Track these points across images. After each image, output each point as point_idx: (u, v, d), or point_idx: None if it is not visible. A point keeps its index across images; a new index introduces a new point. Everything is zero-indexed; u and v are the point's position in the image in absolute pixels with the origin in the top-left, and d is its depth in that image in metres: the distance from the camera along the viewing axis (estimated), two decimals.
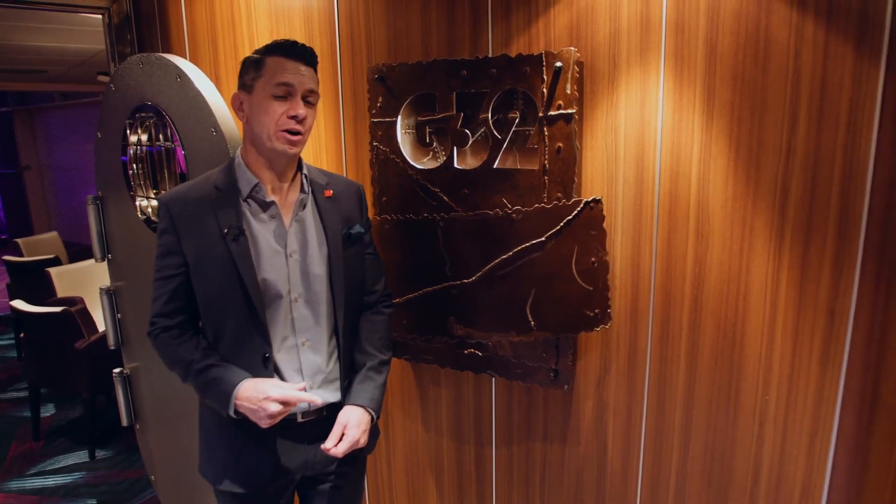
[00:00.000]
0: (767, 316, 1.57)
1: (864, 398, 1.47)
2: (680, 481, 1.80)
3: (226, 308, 1.50)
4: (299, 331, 1.54)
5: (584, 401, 1.92)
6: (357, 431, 1.51)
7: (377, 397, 1.61)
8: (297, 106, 1.44)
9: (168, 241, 1.51)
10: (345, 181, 1.69)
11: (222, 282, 1.48)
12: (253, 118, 1.46)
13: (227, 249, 1.46)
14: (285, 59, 1.44)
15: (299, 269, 1.53)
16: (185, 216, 1.49)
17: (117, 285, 2.49)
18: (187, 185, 1.56)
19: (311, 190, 1.57)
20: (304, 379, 1.55)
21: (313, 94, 1.48)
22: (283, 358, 1.53)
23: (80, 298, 3.99)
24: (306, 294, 1.54)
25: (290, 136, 1.44)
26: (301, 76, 1.45)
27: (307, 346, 1.55)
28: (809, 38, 1.41)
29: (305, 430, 1.57)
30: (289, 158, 1.50)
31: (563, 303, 1.74)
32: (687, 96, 1.60)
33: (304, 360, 1.55)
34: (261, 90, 1.44)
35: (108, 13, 2.43)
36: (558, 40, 1.75)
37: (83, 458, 3.53)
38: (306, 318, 1.55)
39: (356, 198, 1.67)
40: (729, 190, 1.58)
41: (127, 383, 2.57)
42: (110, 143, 2.28)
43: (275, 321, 1.51)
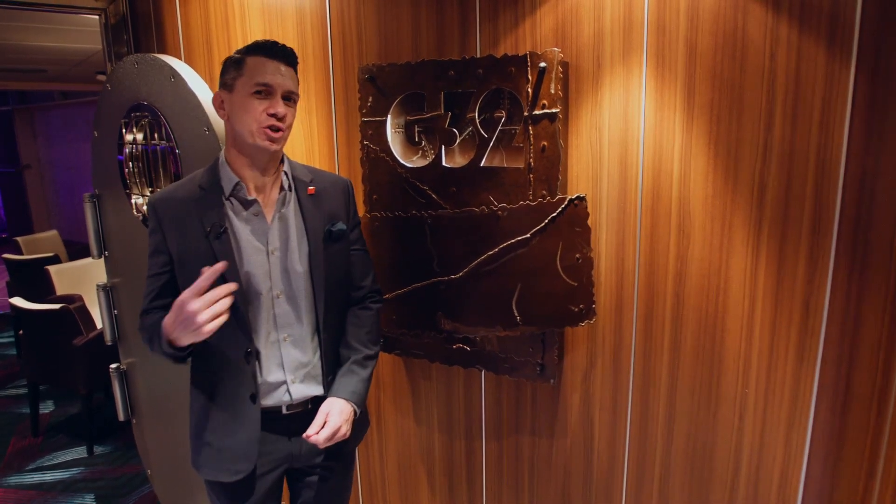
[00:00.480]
0: (746, 310, 1.61)
1: (839, 389, 1.50)
2: (664, 472, 1.84)
3: None
4: (281, 326, 1.57)
5: (570, 394, 1.96)
6: (338, 419, 1.53)
7: (360, 391, 1.63)
8: (276, 104, 1.46)
9: (156, 241, 1.55)
10: (332, 178, 1.71)
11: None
12: (234, 116, 1.49)
13: (210, 247, 1.49)
14: (265, 59, 1.47)
15: (280, 266, 1.56)
16: (171, 216, 1.53)
17: (114, 282, 2.53)
18: (174, 186, 1.60)
19: (294, 187, 1.59)
20: (287, 373, 1.58)
21: (293, 92, 1.51)
22: (266, 353, 1.57)
23: (78, 296, 4.03)
24: (287, 291, 1.57)
25: (272, 133, 1.46)
26: (281, 76, 1.47)
27: (289, 342, 1.58)
28: (784, 38, 1.45)
29: (290, 422, 1.61)
30: (270, 155, 1.52)
31: (549, 298, 1.78)
32: (668, 96, 1.64)
33: (285, 356, 1.58)
34: (241, 89, 1.46)
35: (105, 14, 2.47)
36: (544, 41, 1.78)
37: (81, 454, 3.57)
38: (287, 314, 1.58)
39: (342, 195, 1.69)
40: (709, 187, 1.61)
41: (123, 378, 2.61)
42: (107, 142, 2.32)
43: (257, 317, 1.55)
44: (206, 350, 1.55)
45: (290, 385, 1.59)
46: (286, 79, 1.49)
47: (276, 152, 1.53)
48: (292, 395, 1.59)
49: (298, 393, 1.60)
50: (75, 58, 5.07)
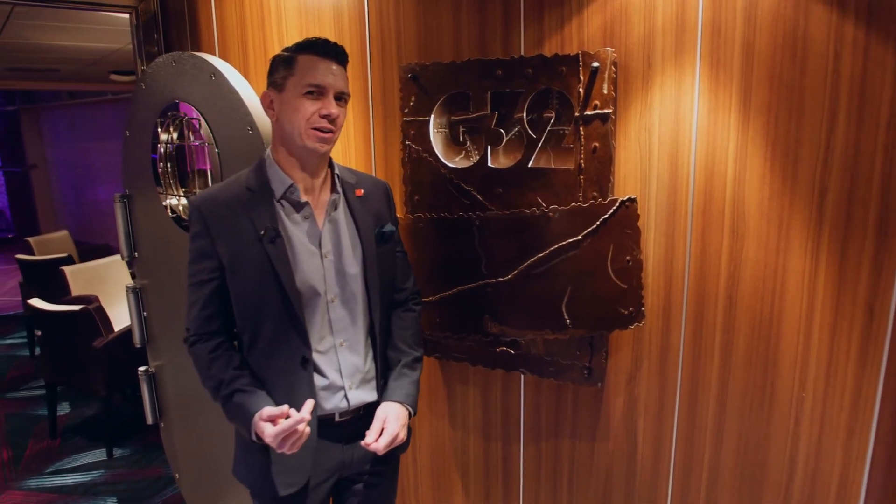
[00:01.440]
0: (804, 313, 1.59)
1: None
2: (712, 477, 1.82)
3: (263, 311, 1.48)
4: (337, 331, 1.54)
5: (614, 398, 1.94)
6: (396, 425, 1.51)
7: (413, 393, 1.61)
8: (329, 105, 1.43)
9: (201, 245, 1.49)
10: (372, 180, 1.69)
11: (259, 284, 1.46)
12: (283, 116, 1.45)
13: (264, 251, 1.44)
14: (317, 59, 1.43)
15: (334, 269, 1.53)
16: (218, 218, 1.48)
17: (143, 283, 2.51)
18: (218, 187, 1.54)
19: (342, 189, 1.57)
20: (344, 379, 1.54)
21: (345, 92, 1.48)
22: (323, 359, 1.53)
23: (94, 297, 4.01)
24: (342, 294, 1.54)
25: (322, 134, 1.43)
26: (333, 76, 1.44)
27: (345, 347, 1.55)
28: (849, 39, 1.43)
29: (343, 429, 1.57)
30: (320, 157, 1.49)
31: (599, 301, 1.76)
32: (723, 97, 1.62)
33: (342, 361, 1.55)
34: (292, 88, 1.43)
35: (136, 12, 2.44)
36: (592, 40, 1.76)
37: (101, 457, 3.54)
38: (343, 318, 1.54)
39: (384, 196, 1.67)
40: (765, 189, 1.59)
41: (152, 381, 2.58)
42: (139, 141, 2.30)
43: (312, 322, 1.50)
44: (257, 358, 1.52)
45: (347, 391, 1.55)
46: (338, 79, 1.45)
47: (326, 154, 1.51)
48: (350, 402, 1.55)
49: (356, 399, 1.56)
50: (91, 57, 5.04)
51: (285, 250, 1.46)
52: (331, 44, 1.46)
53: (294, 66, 1.43)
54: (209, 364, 1.50)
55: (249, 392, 1.47)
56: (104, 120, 8.42)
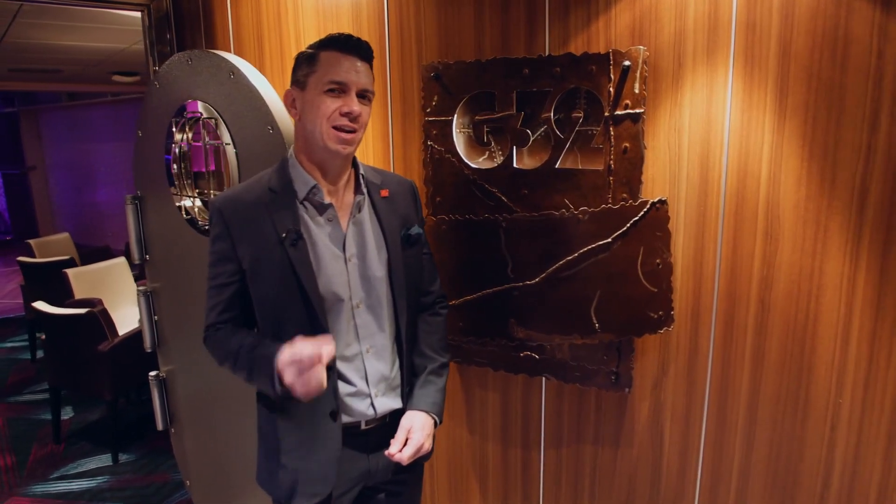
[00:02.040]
0: (842, 317, 1.56)
1: None
2: (741, 484, 1.78)
3: (285, 315, 1.43)
4: (363, 338, 1.48)
5: (639, 403, 1.90)
6: (421, 435, 1.46)
7: (439, 401, 1.56)
8: (351, 102, 1.38)
9: (222, 248, 1.45)
10: (397, 179, 1.63)
11: (281, 288, 1.42)
12: (305, 115, 1.41)
13: (286, 254, 1.39)
14: (340, 55, 1.38)
15: (359, 273, 1.47)
16: (239, 220, 1.43)
17: (154, 286, 2.46)
18: (239, 188, 1.50)
19: (367, 190, 1.52)
20: (371, 387, 1.49)
21: (369, 89, 1.42)
22: (348, 366, 1.48)
23: (98, 300, 3.95)
24: (367, 299, 1.49)
25: (343, 135, 1.38)
26: (356, 73, 1.39)
27: (371, 354, 1.50)
28: (894, 36, 1.40)
29: (369, 437, 1.52)
30: (343, 158, 1.44)
31: (628, 304, 1.72)
32: (757, 96, 1.59)
33: (369, 368, 1.49)
34: (314, 86, 1.38)
35: (148, 10, 2.40)
36: (620, 39, 1.73)
37: (106, 462, 3.48)
38: (369, 324, 1.49)
39: (410, 196, 1.61)
40: (802, 190, 1.56)
41: (163, 386, 2.53)
42: (152, 142, 2.25)
43: (337, 328, 1.45)
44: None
45: (374, 399, 1.50)
46: (361, 75, 1.40)
47: (348, 156, 1.45)
48: (377, 410, 1.50)
49: (382, 407, 1.51)
50: (94, 58, 4.98)
51: (308, 254, 1.41)
52: (354, 39, 1.40)
53: (316, 62, 1.39)
54: (229, 339, 1.45)
55: (272, 345, 1.38)
56: (103, 121, 8.36)
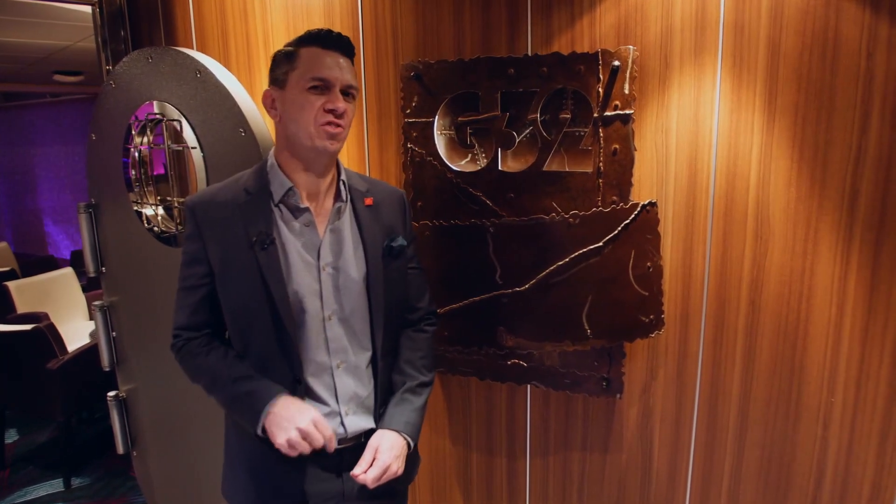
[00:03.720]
0: (833, 318, 1.56)
1: None
2: (733, 486, 1.77)
3: (252, 324, 1.36)
4: (334, 352, 1.40)
5: (628, 408, 1.88)
6: (389, 456, 1.37)
7: (414, 421, 1.46)
8: (335, 99, 1.31)
9: (193, 249, 1.38)
10: (387, 188, 1.55)
11: (249, 295, 1.34)
12: (287, 115, 1.33)
13: (255, 259, 1.32)
14: (322, 50, 1.31)
15: (332, 283, 1.39)
16: (211, 221, 1.36)
17: (112, 300, 2.30)
18: (215, 188, 1.43)
19: (349, 197, 1.44)
20: (340, 405, 1.42)
21: (353, 85, 1.35)
22: (317, 382, 1.40)
23: (44, 314, 3.72)
24: (341, 311, 1.40)
25: (331, 129, 1.31)
26: (339, 69, 1.32)
27: (343, 369, 1.41)
28: (884, 38, 1.40)
29: (341, 457, 1.43)
30: (329, 157, 1.37)
31: (620, 309, 1.69)
32: (746, 97, 1.58)
33: (339, 385, 1.41)
34: (295, 84, 1.31)
35: (100, 5, 2.24)
36: (605, 38, 1.69)
37: (58, 487, 3.26)
38: (340, 337, 1.41)
39: (399, 207, 1.54)
40: (792, 191, 1.56)
41: (122, 407, 2.37)
42: (108, 146, 2.10)
43: (307, 341, 1.38)
44: None
45: (343, 417, 1.41)
46: (345, 71, 1.33)
47: (334, 154, 1.38)
48: (347, 429, 1.42)
49: (353, 426, 1.43)
50: (34, 56, 4.68)
51: (278, 259, 1.33)
52: (335, 34, 1.33)
53: (296, 59, 1.31)
54: (206, 354, 1.38)
55: (256, 379, 1.35)
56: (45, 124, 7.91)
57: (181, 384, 1.38)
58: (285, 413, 1.30)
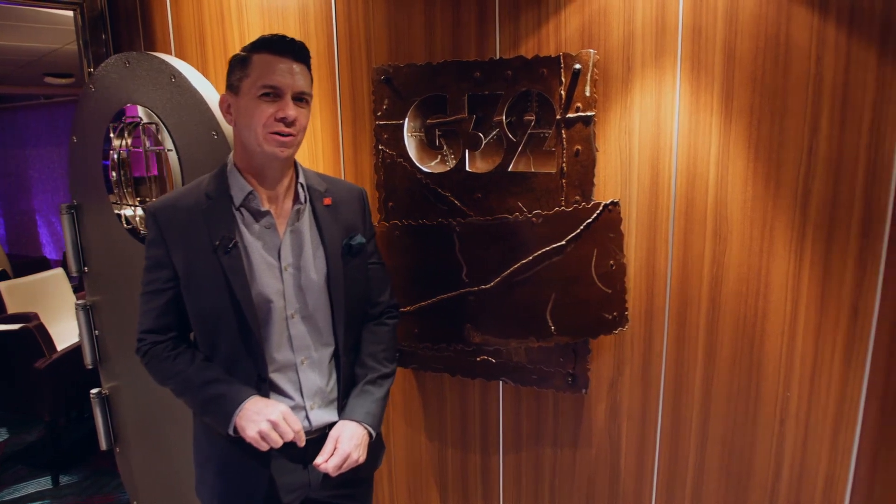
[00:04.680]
0: (788, 314, 1.60)
1: (889, 393, 1.51)
2: (697, 480, 1.81)
3: (218, 325, 1.40)
4: (297, 349, 1.45)
5: (596, 404, 1.92)
6: (349, 445, 1.41)
7: (374, 412, 1.51)
8: (286, 107, 1.33)
9: (157, 254, 1.41)
10: (346, 186, 1.59)
11: (214, 297, 1.38)
12: (240, 121, 1.37)
13: (219, 262, 1.36)
14: (273, 57, 1.33)
15: (294, 283, 1.44)
16: (175, 226, 1.40)
17: (94, 300, 2.34)
18: (176, 194, 1.46)
19: (309, 198, 1.48)
20: (305, 399, 1.46)
21: (305, 91, 1.37)
22: (283, 378, 1.45)
23: (34, 314, 3.76)
24: (303, 310, 1.45)
25: (280, 138, 1.34)
26: (290, 76, 1.34)
27: (307, 365, 1.46)
28: (831, 42, 1.44)
29: (306, 450, 1.47)
30: (281, 163, 1.40)
31: (583, 306, 1.73)
32: (704, 99, 1.62)
33: (303, 380, 1.46)
34: (247, 91, 1.34)
35: (81, 9, 2.28)
36: (570, 42, 1.74)
37: (46, 485, 3.30)
38: (304, 335, 1.46)
39: (358, 204, 1.58)
40: (748, 191, 1.60)
41: (105, 404, 2.41)
42: (89, 148, 2.14)
43: (271, 339, 1.42)
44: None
45: (309, 412, 1.46)
46: (297, 78, 1.35)
47: (288, 159, 1.41)
48: (312, 423, 1.46)
49: (318, 420, 1.47)
50: (24, 58, 4.72)
51: (241, 262, 1.37)
52: (287, 40, 1.36)
53: (249, 66, 1.34)
54: (172, 361, 1.42)
55: (227, 382, 1.39)
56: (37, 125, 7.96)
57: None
58: (255, 408, 1.34)
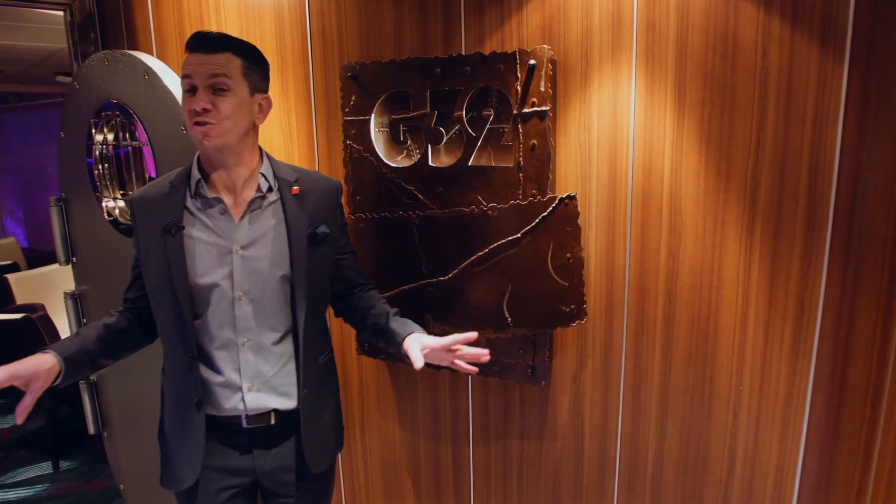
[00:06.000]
0: (740, 308, 1.61)
1: (834, 384, 1.51)
2: (656, 472, 1.83)
3: (160, 305, 1.50)
4: (241, 330, 1.50)
5: (560, 396, 1.94)
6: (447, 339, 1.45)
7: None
8: (196, 100, 1.37)
9: (133, 237, 1.54)
10: (318, 178, 1.63)
11: (157, 278, 1.48)
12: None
13: (164, 245, 1.46)
14: (188, 54, 1.41)
15: (245, 266, 1.48)
16: (141, 213, 1.51)
17: (82, 289, 2.42)
18: (151, 183, 1.59)
19: (277, 186, 1.53)
20: (242, 380, 1.50)
21: (218, 79, 1.39)
22: (221, 356, 1.50)
23: (40, 305, 3.88)
24: (252, 292, 1.49)
25: (200, 128, 1.39)
26: (198, 66, 1.38)
27: (247, 347, 1.50)
28: (776, 36, 1.45)
29: (251, 436, 1.54)
30: (216, 151, 1.44)
31: (540, 299, 1.75)
32: (658, 94, 1.63)
33: (243, 361, 1.50)
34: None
35: (70, 10, 2.36)
36: (531, 38, 1.76)
37: (46, 470, 3.42)
38: (249, 317, 1.50)
39: (328, 196, 1.61)
40: (700, 185, 1.61)
41: (94, 390, 2.50)
42: (74, 143, 2.22)
43: (214, 320, 1.48)
44: (166, 354, 1.55)
45: (245, 393, 1.50)
46: (203, 67, 1.38)
47: (223, 148, 1.44)
48: (247, 404, 1.51)
49: (255, 402, 1.51)
50: (33, 57, 4.87)
51: (182, 245, 1.46)
52: (201, 34, 1.41)
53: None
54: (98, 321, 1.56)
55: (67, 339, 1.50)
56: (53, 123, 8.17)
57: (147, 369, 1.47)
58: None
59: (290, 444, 1.57)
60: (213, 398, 1.51)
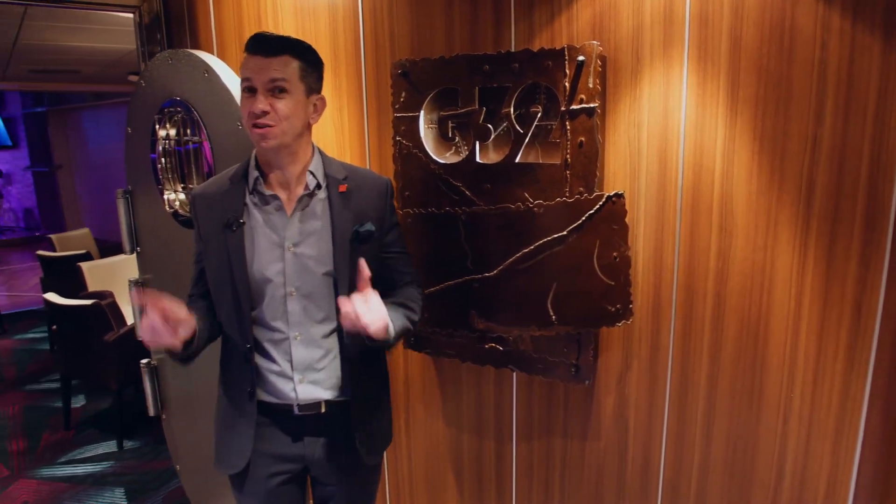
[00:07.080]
0: (792, 311, 1.55)
1: (892, 396, 1.44)
2: (702, 476, 1.78)
3: (220, 299, 1.56)
4: (293, 324, 1.55)
5: (605, 396, 1.92)
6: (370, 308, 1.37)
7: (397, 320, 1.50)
8: (255, 102, 1.41)
9: (195, 232, 1.61)
10: (369, 176, 1.66)
11: (218, 272, 1.54)
12: None
13: (225, 241, 1.51)
14: (248, 56, 1.45)
15: (297, 263, 1.53)
16: (203, 208, 1.57)
17: (146, 277, 2.55)
18: (212, 179, 1.64)
19: (326, 184, 1.56)
20: (294, 372, 1.56)
21: (278, 82, 1.42)
22: (275, 348, 1.56)
23: (109, 292, 4.09)
24: (303, 288, 1.54)
25: (258, 130, 1.43)
26: (258, 69, 1.42)
27: (299, 341, 1.56)
28: (836, 29, 1.39)
29: (302, 423, 1.59)
30: (273, 151, 1.48)
31: (585, 297, 1.74)
32: (711, 90, 1.59)
33: (295, 354, 1.56)
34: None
35: (139, 12, 2.49)
36: (581, 34, 1.75)
37: (112, 448, 3.62)
38: (299, 312, 1.54)
39: (376, 194, 1.63)
40: (753, 183, 1.56)
41: (154, 374, 2.63)
42: (140, 139, 2.34)
43: (269, 313, 1.54)
44: (224, 343, 1.62)
45: (296, 384, 1.57)
46: (263, 70, 1.42)
47: (280, 148, 1.48)
48: (298, 395, 1.57)
49: (305, 393, 1.57)
50: (108, 58, 5.15)
51: (242, 241, 1.51)
52: (260, 36, 1.45)
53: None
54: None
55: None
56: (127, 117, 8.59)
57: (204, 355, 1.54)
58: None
59: (341, 435, 1.61)
60: (267, 385, 1.57)
